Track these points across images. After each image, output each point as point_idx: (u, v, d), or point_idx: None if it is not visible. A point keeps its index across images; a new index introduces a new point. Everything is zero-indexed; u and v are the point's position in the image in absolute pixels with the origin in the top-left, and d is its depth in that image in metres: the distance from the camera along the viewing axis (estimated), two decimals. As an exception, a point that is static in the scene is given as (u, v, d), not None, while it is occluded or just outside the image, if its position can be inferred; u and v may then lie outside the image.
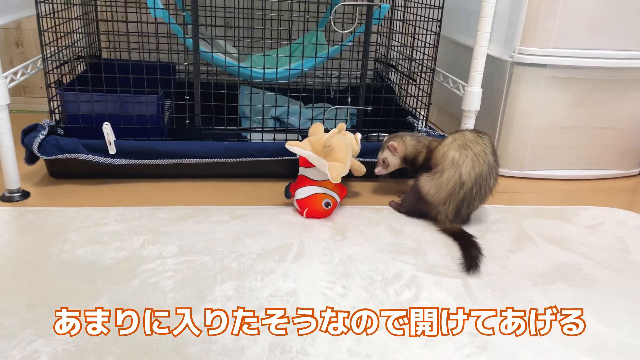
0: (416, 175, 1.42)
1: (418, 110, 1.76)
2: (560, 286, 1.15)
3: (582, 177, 1.82)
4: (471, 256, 1.22)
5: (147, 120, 1.57)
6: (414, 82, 1.74)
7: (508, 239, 1.35)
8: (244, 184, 1.60)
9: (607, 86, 1.70)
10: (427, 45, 1.69)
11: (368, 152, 1.60)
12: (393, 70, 1.98)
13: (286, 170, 1.59)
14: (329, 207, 1.40)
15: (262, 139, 1.65)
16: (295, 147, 1.36)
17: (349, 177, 1.50)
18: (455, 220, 1.36)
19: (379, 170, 1.49)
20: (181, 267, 1.14)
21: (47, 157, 1.48)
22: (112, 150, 1.50)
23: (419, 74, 1.71)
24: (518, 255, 1.27)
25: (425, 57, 1.68)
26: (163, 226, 1.31)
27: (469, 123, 1.60)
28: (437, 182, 1.35)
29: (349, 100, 1.72)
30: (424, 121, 1.73)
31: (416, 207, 1.41)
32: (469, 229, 1.37)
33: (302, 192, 1.41)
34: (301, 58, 1.59)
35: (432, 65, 1.67)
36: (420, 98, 1.73)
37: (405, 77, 1.83)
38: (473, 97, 1.58)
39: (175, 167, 1.56)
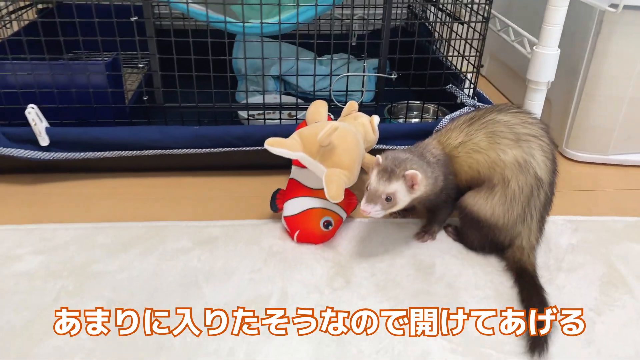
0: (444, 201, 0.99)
1: (463, 74, 1.27)
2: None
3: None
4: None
5: (92, 98, 1.17)
6: (459, 36, 1.25)
7: (592, 284, 0.92)
8: (222, 180, 1.20)
9: None
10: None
11: (391, 138, 1.17)
12: (435, 12, 1.47)
13: (282, 160, 1.13)
14: (330, 228, 0.99)
15: (248, 116, 1.23)
16: (277, 147, 0.93)
17: (361, 174, 1.06)
18: (540, 239, 0.95)
19: (373, 210, 0.87)
20: (101, 344, 0.78)
21: (-42, 151, 1.12)
22: (43, 141, 1.12)
23: (467, 22, 1.22)
24: (608, 319, 0.84)
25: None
26: (95, 261, 0.94)
27: (536, 99, 1.11)
28: (501, 197, 0.91)
29: (365, 64, 1.24)
30: (471, 90, 1.25)
31: (486, 239, 0.96)
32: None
33: (293, 206, 1.00)
34: (296, 7, 1.11)
35: (487, 12, 1.16)
36: (467, 57, 1.24)
37: (451, 21, 1.33)
38: (546, 62, 1.08)
39: (129, 160, 1.17)
